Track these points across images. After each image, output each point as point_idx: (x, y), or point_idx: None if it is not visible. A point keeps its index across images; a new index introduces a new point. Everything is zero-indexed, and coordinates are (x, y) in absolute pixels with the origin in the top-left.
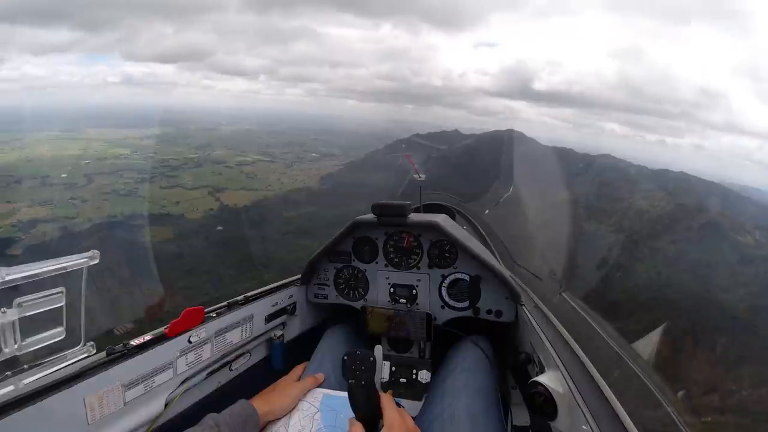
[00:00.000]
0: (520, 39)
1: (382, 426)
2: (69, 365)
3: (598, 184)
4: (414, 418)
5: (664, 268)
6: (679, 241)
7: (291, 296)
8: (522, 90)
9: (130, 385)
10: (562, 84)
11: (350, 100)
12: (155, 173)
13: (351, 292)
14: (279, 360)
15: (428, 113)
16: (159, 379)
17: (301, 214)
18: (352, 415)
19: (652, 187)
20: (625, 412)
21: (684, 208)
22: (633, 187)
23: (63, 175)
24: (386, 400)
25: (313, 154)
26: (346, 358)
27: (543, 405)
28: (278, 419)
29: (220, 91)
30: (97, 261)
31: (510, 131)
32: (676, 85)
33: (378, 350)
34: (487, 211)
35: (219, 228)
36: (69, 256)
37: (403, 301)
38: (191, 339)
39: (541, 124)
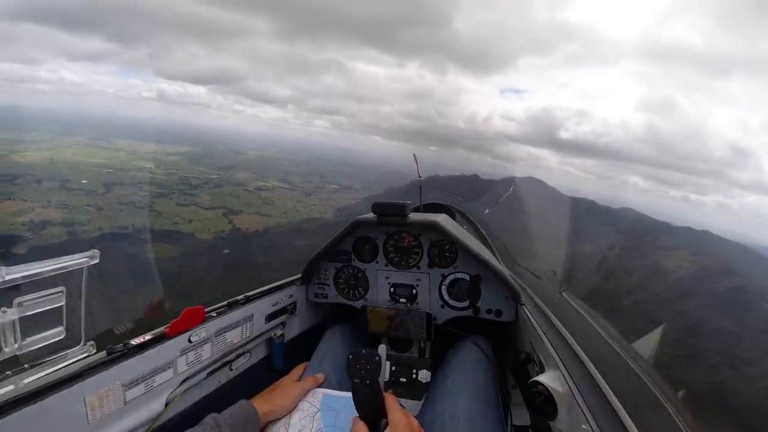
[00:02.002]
0: (548, 86)
1: (386, 425)
2: (69, 365)
3: (619, 239)
4: (414, 418)
5: (686, 336)
6: (703, 306)
7: (291, 296)
8: (546, 138)
9: (130, 385)
10: (589, 135)
11: (376, 136)
12: (174, 190)
13: (351, 291)
14: (279, 359)
15: (451, 155)
16: (159, 378)
17: (310, 244)
18: (353, 415)
19: (676, 246)
20: (625, 412)
21: (708, 270)
22: (656, 245)
23: (83, 181)
24: (390, 400)
25: (333, 186)
26: (351, 357)
27: (543, 404)
28: (279, 419)
29: (250, 117)
30: (97, 261)
31: (531, 179)
32: (708, 142)
33: (382, 349)
34: (487, 211)
35: (226, 251)
36: (69, 256)
37: (403, 300)
38: (191, 338)
39: (564, 173)
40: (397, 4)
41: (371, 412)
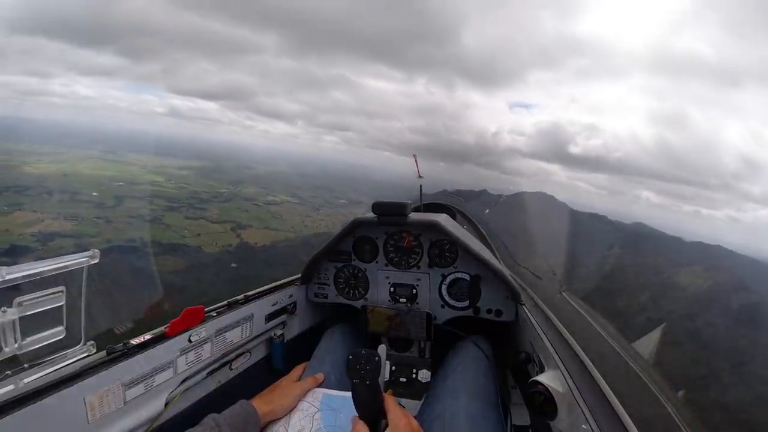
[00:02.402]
0: (558, 100)
1: (386, 426)
2: (69, 364)
3: (631, 255)
4: (414, 418)
5: (701, 354)
6: (716, 324)
7: (291, 296)
8: (556, 153)
9: (130, 385)
10: (599, 149)
11: (386, 152)
12: (184, 203)
13: (351, 291)
14: (279, 359)
15: (460, 171)
16: (159, 378)
17: None
18: (352, 414)
19: (688, 262)
20: (625, 412)
21: (721, 287)
22: (668, 261)
23: (94, 194)
24: (390, 400)
25: (342, 200)
26: (351, 357)
27: (543, 404)
28: (278, 419)
29: (261, 132)
30: (97, 260)
31: (540, 193)
32: (720, 155)
33: (382, 350)
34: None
35: (233, 265)
36: (69, 255)
37: (403, 300)
38: (191, 338)
39: (574, 188)
40: (404, 19)
41: (371, 412)
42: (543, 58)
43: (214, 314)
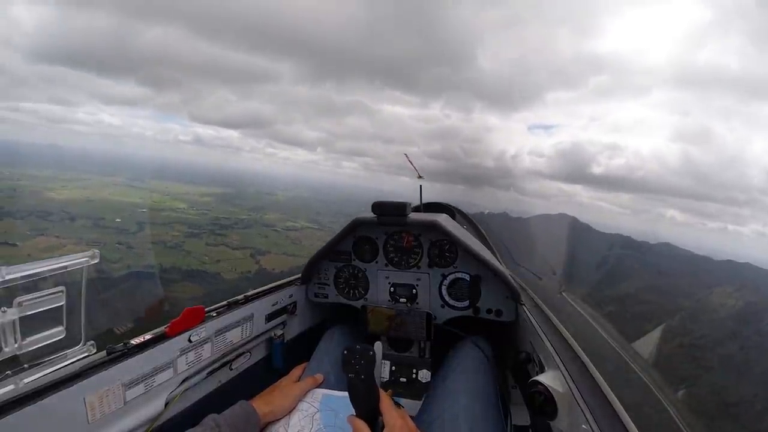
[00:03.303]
0: (577, 120)
1: (383, 425)
2: (69, 364)
3: (659, 277)
4: (413, 418)
5: (733, 381)
6: (749, 348)
7: (291, 296)
8: (578, 173)
9: (130, 385)
10: (622, 168)
11: (404, 177)
12: (205, 230)
13: (351, 291)
14: (279, 359)
15: (479, 193)
16: (159, 378)
17: None
18: (352, 415)
19: (718, 282)
20: (625, 412)
21: (754, 307)
22: (698, 282)
23: (117, 220)
24: (385, 401)
25: None
26: (345, 352)
27: (543, 404)
28: (278, 419)
29: (283, 159)
30: (97, 260)
31: (562, 215)
32: (746, 170)
33: (378, 345)
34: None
35: (251, 292)
36: (69, 255)
37: (403, 300)
38: (191, 338)
39: (597, 209)
40: (419, 44)
41: (368, 407)
42: (561, 77)
43: (214, 314)
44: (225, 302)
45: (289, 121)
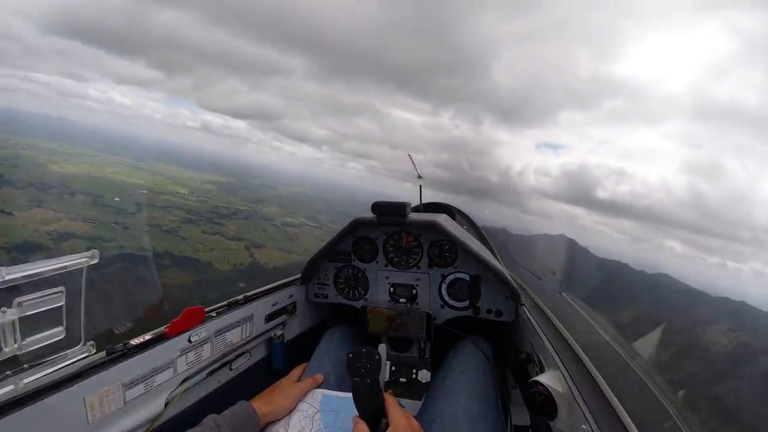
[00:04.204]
0: (587, 143)
1: (386, 425)
2: (69, 365)
3: (654, 308)
4: (414, 418)
5: (722, 425)
6: (741, 390)
7: (291, 296)
8: (582, 196)
9: (130, 385)
10: (628, 195)
11: (408, 183)
12: (203, 217)
13: (351, 291)
14: (279, 359)
15: (481, 206)
16: (159, 378)
17: None
18: (352, 415)
19: (713, 319)
20: (625, 412)
21: (747, 348)
22: (693, 317)
23: (116, 199)
24: (390, 400)
25: None
26: (351, 355)
27: (543, 405)
28: (278, 420)
29: (288, 154)
30: (96, 260)
31: (561, 236)
32: (755, 208)
33: (382, 348)
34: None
35: (242, 285)
36: (69, 256)
37: (403, 300)
38: (191, 338)
39: (598, 233)
40: (433, 51)
41: (371, 411)
42: (576, 97)
43: (214, 314)
44: (225, 302)
45: (297, 117)
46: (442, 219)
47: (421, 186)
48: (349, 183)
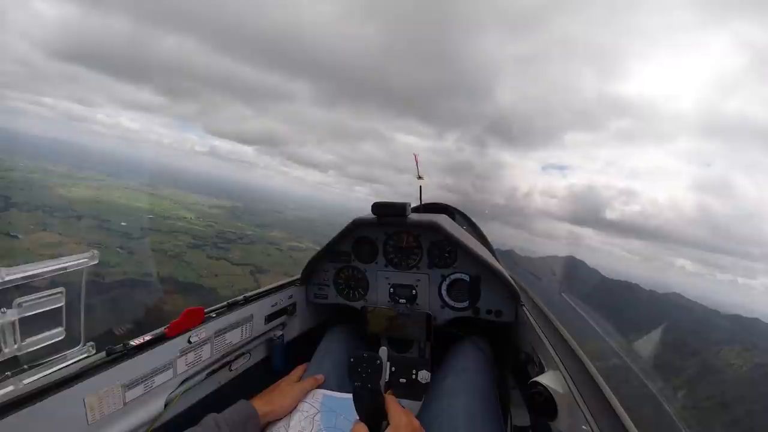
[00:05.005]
0: (594, 163)
1: (386, 427)
2: (69, 365)
3: (665, 330)
4: (415, 417)
5: None
6: (756, 413)
7: (291, 296)
8: (589, 217)
9: (130, 385)
10: (637, 216)
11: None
12: (208, 242)
13: (351, 292)
14: (279, 360)
15: (486, 229)
16: (159, 379)
17: None
18: (352, 416)
19: (726, 340)
20: (625, 412)
21: (763, 369)
22: (706, 338)
23: (123, 223)
24: (391, 400)
25: None
26: (352, 360)
27: (543, 405)
28: (278, 420)
29: (295, 178)
30: (96, 261)
31: (570, 258)
32: (766, 225)
33: (383, 352)
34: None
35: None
36: (69, 256)
37: (403, 301)
38: (191, 339)
39: (607, 253)
40: (438, 75)
41: (372, 415)
42: (582, 118)
43: (214, 315)
44: (225, 303)
45: (303, 142)
46: (442, 219)
47: (421, 186)
48: (356, 206)
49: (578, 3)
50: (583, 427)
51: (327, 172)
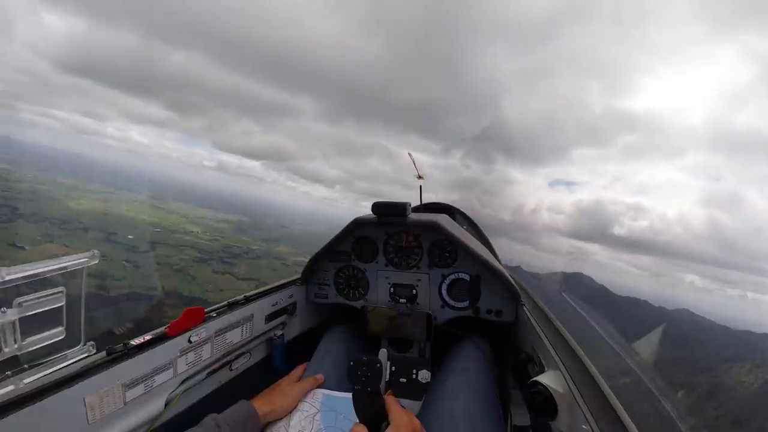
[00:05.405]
0: (601, 179)
1: (386, 426)
2: (69, 365)
3: (675, 347)
4: (415, 417)
5: None
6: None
7: (291, 296)
8: (598, 233)
9: (130, 385)
10: (646, 231)
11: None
12: (215, 257)
13: (351, 291)
14: (279, 360)
15: (494, 244)
16: (159, 378)
17: None
18: (353, 415)
19: (737, 357)
20: (625, 412)
21: None
22: (716, 355)
23: (129, 237)
24: (391, 400)
25: None
26: (352, 363)
27: (543, 405)
28: (279, 420)
29: (302, 193)
30: (97, 261)
31: (578, 275)
32: None
33: (383, 354)
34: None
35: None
36: (69, 256)
37: (403, 300)
38: (191, 339)
39: (615, 269)
40: (444, 91)
41: (372, 418)
42: (590, 133)
43: (214, 315)
44: (225, 302)
45: (310, 157)
46: (443, 219)
47: (421, 186)
48: None
49: (585, 18)
50: (583, 426)
51: (334, 187)
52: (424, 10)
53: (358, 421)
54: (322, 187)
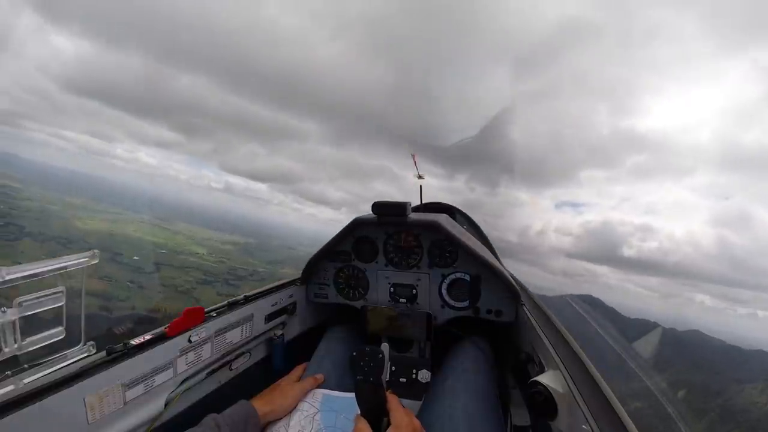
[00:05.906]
0: (609, 200)
1: (387, 424)
2: (69, 365)
3: (689, 368)
4: (416, 417)
5: None
6: None
7: (291, 296)
8: (606, 254)
9: (130, 385)
10: (655, 252)
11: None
12: (219, 278)
13: (351, 291)
14: (279, 360)
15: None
16: (159, 378)
17: None
18: (353, 415)
19: (750, 376)
20: (625, 412)
21: None
22: (728, 376)
23: (135, 257)
24: (393, 399)
25: None
26: (354, 354)
27: (543, 405)
28: (278, 420)
29: (308, 215)
30: (97, 261)
31: (587, 297)
32: None
33: (385, 347)
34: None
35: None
36: (69, 256)
37: (403, 300)
38: (191, 338)
39: (624, 291)
40: (446, 113)
41: (373, 409)
42: (596, 155)
43: (214, 314)
44: (225, 302)
45: (316, 180)
46: (443, 219)
47: (421, 186)
48: None
49: (592, 38)
50: (583, 426)
51: (340, 209)
52: (428, 33)
53: (357, 421)
54: (327, 209)
